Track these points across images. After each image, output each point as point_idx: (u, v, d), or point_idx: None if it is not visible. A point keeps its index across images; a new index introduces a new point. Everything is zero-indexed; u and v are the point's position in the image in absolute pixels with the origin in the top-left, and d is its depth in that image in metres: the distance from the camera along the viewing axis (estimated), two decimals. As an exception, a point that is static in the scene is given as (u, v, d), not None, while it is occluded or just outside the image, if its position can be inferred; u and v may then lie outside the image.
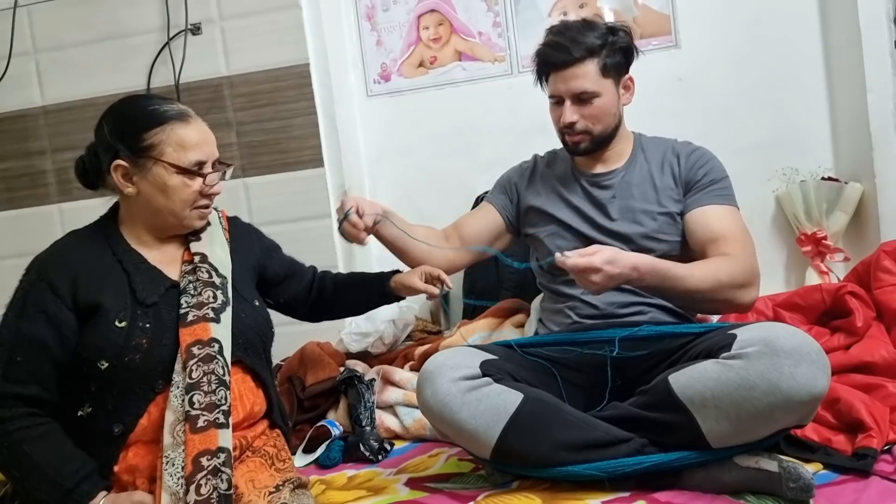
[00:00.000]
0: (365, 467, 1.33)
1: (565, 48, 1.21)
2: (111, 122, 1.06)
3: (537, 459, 1.03)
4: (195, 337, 1.01)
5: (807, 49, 1.79)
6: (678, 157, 1.29)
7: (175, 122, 1.04)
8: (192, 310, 1.03)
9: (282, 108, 1.86)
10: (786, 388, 0.93)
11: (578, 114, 1.23)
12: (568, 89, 1.22)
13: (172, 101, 1.08)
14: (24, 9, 1.91)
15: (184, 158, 1.03)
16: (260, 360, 1.11)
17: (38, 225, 1.96)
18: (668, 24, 1.83)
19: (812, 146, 1.81)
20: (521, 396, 1.03)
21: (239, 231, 1.22)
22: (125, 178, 1.04)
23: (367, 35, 1.94)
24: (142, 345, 0.99)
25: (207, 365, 0.99)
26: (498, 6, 1.89)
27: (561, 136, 1.30)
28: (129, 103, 1.09)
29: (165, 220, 1.08)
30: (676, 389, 0.99)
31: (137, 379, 0.99)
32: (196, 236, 1.13)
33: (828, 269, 1.74)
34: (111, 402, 0.99)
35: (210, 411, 0.97)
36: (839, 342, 1.39)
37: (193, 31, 1.85)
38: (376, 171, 1.97)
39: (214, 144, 1.09)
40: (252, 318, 1.11)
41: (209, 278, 1.08)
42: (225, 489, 0.93)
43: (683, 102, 1.82)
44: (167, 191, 1.04)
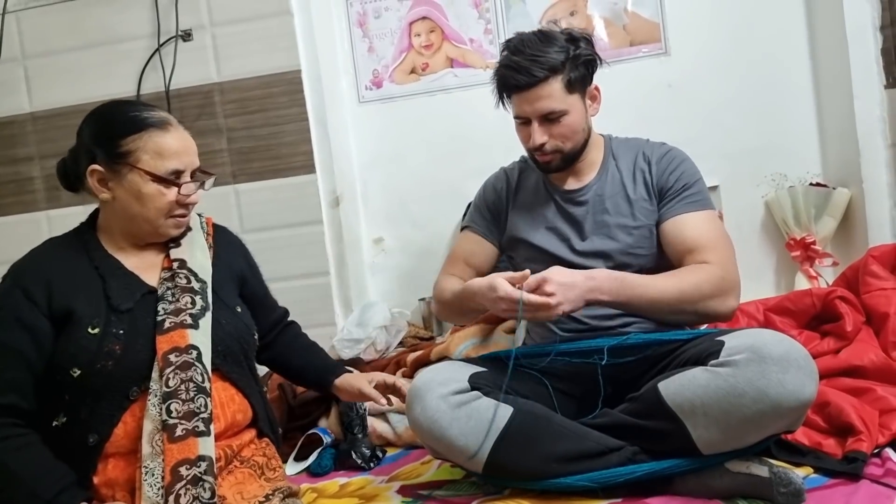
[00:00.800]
0: (357, 475, 1.32)
1: (525, 69, 1.15)
2: (91, 126, 1.06)
3: (529, 473, 1.03)
4: (172, 344, 1.00)
5: (794, 56, 1.82)
6: (649, 163, 1.25)
7: (154, 129, 1.03)
8: (169, 317, 1.02)
9: (273, 114, 1.85)
10: (774, 395, 0.93)
11: (547, 133, 1.19)
12: (534, 110, 1.18)
13: (155, 109, 1.07)
14: (13, 14, 1.90)
15: (160, 167, 1.02)
16: (240, 367, 1.09)
17: (25, 232, 1.93)
18: (657, 32, 1.85)
19: (800, 152, 1.83)
20: (510, 410, 1.03)
21: (225, 239, 1.21)
22: (101, 183, 1.03)
23: (358, 42, 1.94)
24: (115, 351, 0.98)
25: (185, 372, 0.98)
26: (489, 13, 1.90)
27: (531, 156, 1.27)
28: (111, 108, 1.09)
29: (140, 228, 1.06)
30: (666, 397, 0.99)
31: (110, 386, 0.97)
32: (176, 242, 1.11)
33: (817, 273, 1.75)
34: (85, 411, 0.97)
35: (188, 419, 0.95)
36: (829, 346, 1.40)
37: (184, 37, 1.85)
38: (368, 177, 1.97)
39: (195, 154, 1.07)
40: (232, 325, 1.09)
41: (187, 283, 1.06)
42: (208, 498, 0.92)
43: (673, 109, 1.83)
44: (142, 198, 1.03)
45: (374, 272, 1.97)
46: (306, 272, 1.85)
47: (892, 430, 1.13)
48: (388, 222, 1.97)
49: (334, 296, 1.87)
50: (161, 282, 1.06)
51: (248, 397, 1.09)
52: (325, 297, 1.86)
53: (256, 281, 1.23)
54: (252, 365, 1.14)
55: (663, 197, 1.23)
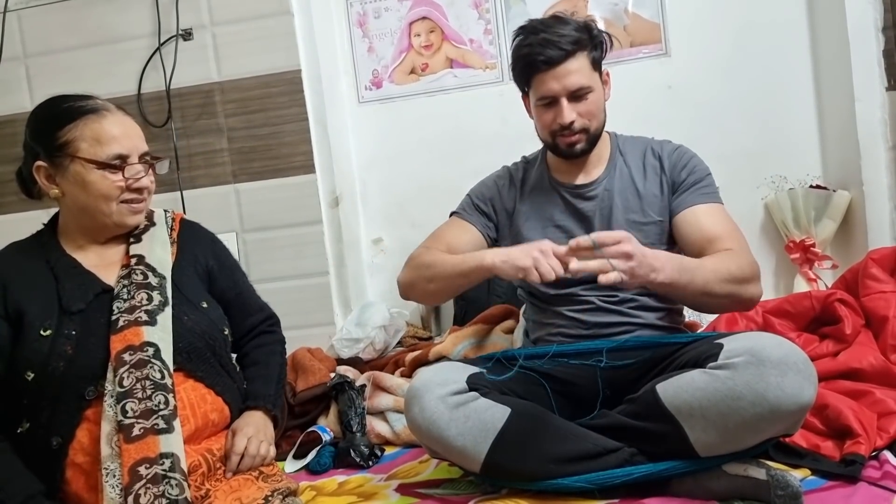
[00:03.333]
0: (355, 473, 1.32)
1: (554, 44, 1.14)
2: (30, 126, 1.05)
3: (527, 473, 1.02)
4: (126, 343, 0.98)
5: (795, 58, 1.81)
6: (660, 158, 1.25)
7: (89, 116, 1.01)
8: (123, 315, 1.00)
9: (273, 114, 1.85)
10: (772, 399, 0.93)
11: (575, 112, 1.17)
12: (564, 87, 1.16)
13: (91, 98, 1.05)
14: (14, 13, 1.90)
15: (100, 152, 1.01)
16: (208, 365, 1.06)
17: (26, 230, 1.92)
18: (658, 33, 1.85)
19: (800, 154, 1.82)
20: (508, 411, 1.03)
21: (191, 233, 1.17)
22: (48, 179, 1.03)
23: (358, 42, 1.94)
24: (66, 352, 0.97)
25: (140, 370, 0.96)
26: (489, 14, 1.90)
27: (551, 140, 1.22)
28: (45, 104, 1.07)
29: (95, 219, 1.05)
30: (664, 399, 0.99)
31: (64, 388, 0.96)
32: (136, 238, 1.09)
33: (816, 276, 1.75)
34: (44, 415, 0.96)
35: (146, 418, 0.94)
36: (828, 349, 1.40)
37: (185, 36, 1.85)
38: (367, 177, 1.97)
39: (138, 137, 1.05)
40: (195, 321, 1.06)
41: (144, 280, 1.04)
42: (176, 494, 0.90)
43: (673, 110, 1.83)
44: (88, 187, 1.01)
45: (372, 272, 1.97)
46: (306, 272, 1.86)
47: (890, 433, 1.13)
48: (386, 223, 1.98)
49: (333, 295, 1.87)
50: (118, 280, 1.04)
51: (222, 395, 1.07)
52: (325, 297, 1.86)
53: (226, 278, 1.19)
54: (225, 362, 1.11)
55: (676, 190, 1.23)
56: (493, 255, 1.11)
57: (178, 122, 1.86)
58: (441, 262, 1.19)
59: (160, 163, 1.08)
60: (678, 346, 1.12)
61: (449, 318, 1.90)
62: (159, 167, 1.08)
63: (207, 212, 1.74)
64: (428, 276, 1.20)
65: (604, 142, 1.29)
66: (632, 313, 1.19)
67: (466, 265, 1.15)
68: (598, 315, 1.19)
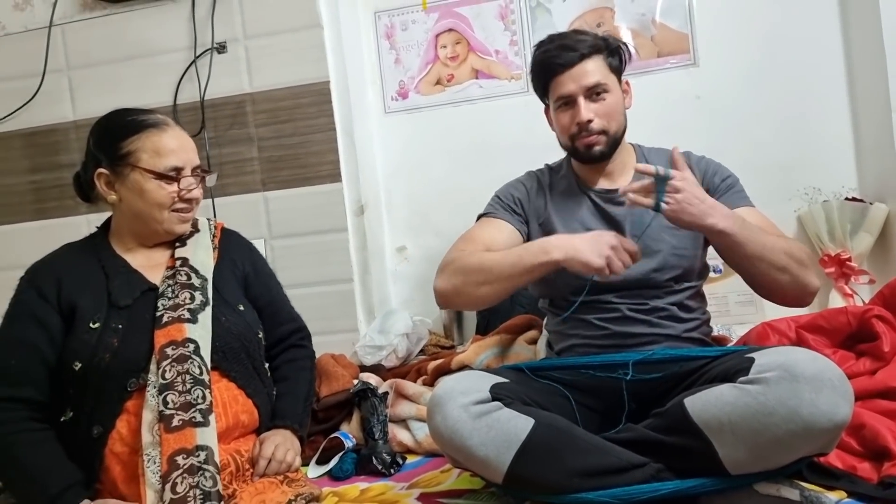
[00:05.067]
0: (377, 480, 1.32)
1: (570, 46, 1.20)
2: (95, 135, 1.13)
3: (550, 486, 1.01)
4: (169, 338, 1.03)
5: (829, 67, 1.78)
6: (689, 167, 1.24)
7: (151, 130, 1.09)
8: (167, 312, 1.06)
9: (302, 124, 1.89)
10: (806, 416, 0.90)
11: (593, 111, 1.20)
12: (580, 86, 1.19)
13: (152, 113, 1.13)
14: (59, 28, 1.99)
15: (159, 164, 1.08)
16: (242, 366, 1.11)
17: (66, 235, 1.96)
18: (686, 43, 1.83)
19: (835, 165, 1.78)
20: (531, 422, 1.01)
21: (232, 241, 1.24)
22: (108, 185, 1.10)
23: (385, 53, 1.97)
24: (112, 344, 1.02)
25: (181, 365, 1.01)
26: (515, 25, 1.91)
27: (570, 143, 1.24)
28: (110, 116, 1.15)
29: (147, 225, 1.12)
30: (692, 413, 0.97)
31: (108, 379, 1.01)
32: (182, 242, 1.16)
33: (852, 291, 1.70)
34: (88, 404, 1.01)
35: (185, 410, 0.98)
36: (865, 367, 1.35)
37: (219, 49, 1.90)
38: (392, 186, 1.99)
39: (192, 151, 1.13)
40: (232, 322, 1.12)
41: (187, 280, 1.10)
42: (210, 486, 0.94)
43: (702, 120, 1.81)
44: (144, 195, 1.09)
45: (396, 280, 1.99)
46: (330, 279, 1.88)
47: (929, 455, 1.09)
48: (410, 231, 1.99)
49: (357, 302, 1.88)
50: (163, 280, 1.11)
51: (253, 397, 1.11)
52: (349, 304, 1.88)
53: (260, 285, 1.25)
54: (257, 364, 1.15)
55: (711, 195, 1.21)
56: (559, 249, 1.09)
57: (211, 132, 1.91)
58: (494, 262, 1.14)
59: (210, 176, 1.16)
60: (707, 359, 1.10)
61: (472, 327, 1.89)
62: (209, 180, 1.15)
63: (237, 218, 1.77)
64: (479, 278, 1.14)
65: (628, 152, 1.29)
66: (660, 323, 1.18)
67: (529, 261, 1.10)
68: (625, 325, 1.18)
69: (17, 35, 2.00)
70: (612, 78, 1.22)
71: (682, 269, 1.21)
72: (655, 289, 1.20)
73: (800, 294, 1.16)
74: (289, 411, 1.18)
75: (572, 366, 1.17)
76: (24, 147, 2.03)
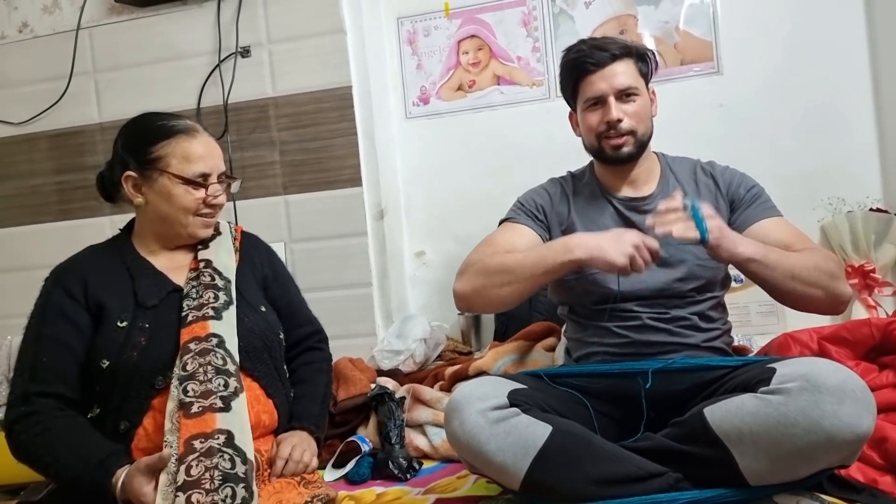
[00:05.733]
0: (393, 485, 1.33)
1: (601, 48, 1.21)
2: (124, 137, 1.15)
3: (567, 493, 1.00)
4: (192, 335, 1.06)
5: (854, 76, 1.76)
6: (713, 177, 1.27)
7: (181, 135, 1.10)
8: (192, 311, 1.08)
9: (324, 128, 1.90)
10: (828, 427, 0.89)
11: (623, 111, 1.20)
12: (611, 86, 1.20)
13: (181, 118, 1.15)
14: (86, 31, 2.02)
15: (187, 170, 1.10)
16: (264, 366, 1.12)
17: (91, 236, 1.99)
18: (709, 51, 1.82)
19: (859, 176, 1.76)
20: (549, 429, 1.01)
21: (251, 244, 1.26)
22: (135, 188, 1.12)
23: (407, 59, 1.98)
24: (140, 343, 1.04)
25: (203, 357, 1.03)
26: (537, 32, 1.91)
27: (598, 144, 1.23)
28: (140, 120, 1.17)
29: (171, 228, 1.14)
30: (712, 423, 0.96)
31: (136, 376, 1.03)
32: (205, 245, 1.18)
33: (876, 303, 1.68)
34: (115, 401, 1.03)
35: (205, 398, 1.00)
36: (888, 379, 1.33)
37: (243, 53, 1.93)
38: (412, 191, 2.00)
39: (220, 158, 1.14)
40: (255, 323, 1.13)
41: (211, 281, 1.12)
42: (228, 468, 0.94)
43: (725, 129, 1.80)
44: (171, 199, 1.10)
45: (414, 285, 1.99)
46: (349, 282, 1.89)
47: (955, 471, 1.07)
48: (429, 236, 2.00)
49: (376, 307, 1.89)
50: (187, 281, 1.13)
51: (273, 398, 1.12)
52: (367, 308, 1.88)
53: (279, 287, 1.27)
54: (278, 365, 1.17)
55: (736, 207, 1.24)
56: (582, 247, 1.08)
57: (234, 135, 1.93)
58: (516, 262, 1.14)
59: (234, 182, 1.17)
60: (727, 369, 1.09)
61: (489, 333, 1.89)
62: (233, 186, 1.17)
63: (258, 221, 1.79)
64: (501, 279, 1.14)
65: (652, 160, 1.29)
66: (681, 332, 1.17)
67: (551, 260, 1.10)
68: (646, 333, 1.17)
69: (45, 38, 2.04)
70: (640, 82, 1.23)
71: (706, 279, 1.20)
72: (677, 298, 1.19)
73: (833, 305, 1.16)
74: (306, 413, 1.19)
75: (591, 373, 1.16)
76: (51, 148, 2.07)
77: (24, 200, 2.08)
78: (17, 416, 1.01)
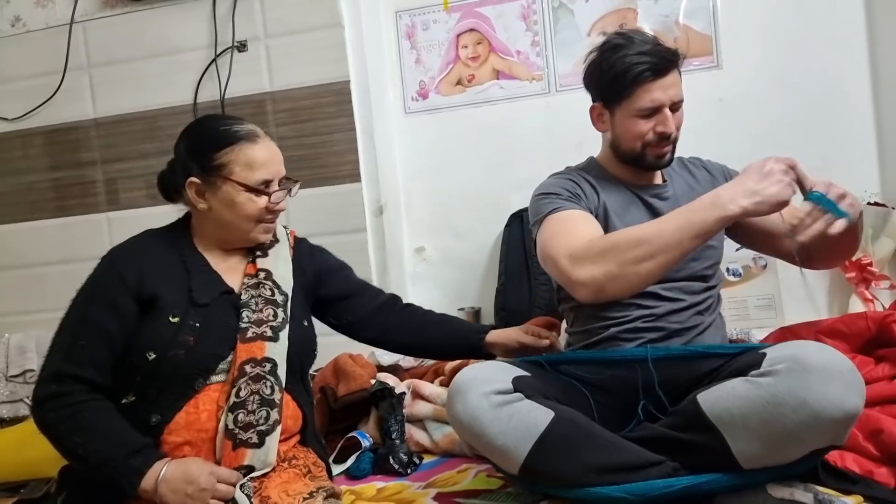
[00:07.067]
0: (394, 480, 1.33)
1: (662, 54, 1.16)
2: (187, 142, 1.13)
3: (565, 479, 1.01)
4: (250, 355, 1.05)
5: (853, 71, 1.76)
6: (705, 168, 1.31)
7: (244, 142, 1.09)
8: (252, 326, 1.07)
9: (322, 123, 1.89)
10: (815, 405, 0.90)
11: (674, 124, 1.18)
12: (669, 97, 1.17)
13: (243, 122, 1.13)
14: (80, 25, 2.00)
15: (251, 177, 1.08)
16: (294, 378, 1.13)
17: (87, 232, 2.03)
18: (709, 45, 1.82)
19: (857, 170, 1.76)
20: (551, 415, 1.02)
21: (302, 250, 1.25)
22: (198, 194, 1.10)
23: (406, 53, 1.97)
24: (188, 342, 1.03)
25: (255, 384, 1.04)
26: (537, 26, 1.90)
27: (640, 150, 1.20)
28: (203, 124, 1.16)
29: (233, 234, 1.13)
30: (705, 408, 0.97)
31: (179, 374, 1.03)
32: (263, 252, 1.17)
33: (873, 296, 1.69)
34: (153, 394, 1.03)
35: (245, 430, 1.02)
36: (884, 372, 1.34)
37: (239, 48, 1.91)
38: (412, 187, 1.99)
39: (281, 163, 1.13)
40: (297, 338, 1.13)
41: (271, 295, 1.12)
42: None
43: (724, 123, 1.80)
44: (235, 207, 1.09)
45: (414, 281, 1.99)
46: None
47: (951, 462, 1.08)
48: (429, 232, 1.99)
49: (376, 303, 1.89)
50: (245, 287, 1.12)
51: (301, 406, 1.14)
52: (367, 304, 1.88)
53: (340, 279, 1.28)
54: (305, 377, 1.19)
55: None
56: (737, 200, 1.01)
57: (231, 131, 1.92)
58: (654, 231, 1.05)
59: (295, 186, 1.16)
60: (725, 358, 1.10)
61: (489, 328, 1.90)
62: (294, 191, 1.16)
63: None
64: (640, 253, 1.04)
65: None
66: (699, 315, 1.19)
67: (700, 221, 1.02)
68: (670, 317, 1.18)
69: (38, 32, 2.02)
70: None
71: (714, 260, 1.24)
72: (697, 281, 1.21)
73: None
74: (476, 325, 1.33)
75: (590, 359, 1.17)
76: (45, 144, 2.05)
77: (20, 197, 2.07)
78: (47, 394, 1.00)
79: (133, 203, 2.00)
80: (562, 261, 1.11)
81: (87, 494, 1.01)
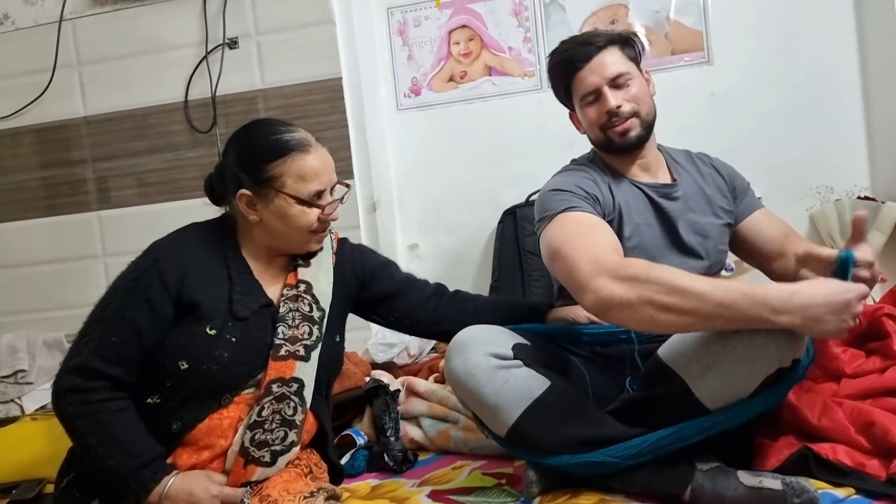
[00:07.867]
0: (388, 477, 1.33)
1: (584, 42, 1.22)
2: (236, 151, 1.08)
3: (550, 447, 1.04)
4: (279, 374, 1.04)
5: (843, 66, 1.77)
6: (713, 167, 1.32)
7: (296, 152, 1.05)
8: (286, 344, 1.05)
9: (314, 120, 1.89)
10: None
11: (621, 97, 1.20)
12: (602, 77, 1.20)
13: (294, 129, 1.09)
14: (69, 22, 1.98)
15: (303, 190, 1.05)
16: (318, 393, 1.11)
17: (77, 231, 2.01)
18: (700, 41, 1.83)
19: (848, 165, 1.78)
20: (547, 383, 1.04)
21: (344, 255, 1.21)
22: (249, 206, 1.07)
23: (398, 50, 1.97)
24: (222, 357, 1.01)
25: (278, 404, 1.03)
26: (529, 22, 1.90)
27: (603, 136, 1.22)
28: (252, 133, 1.10)
29: (283, 244, 1.10)
30: (663, 356, 1.02)
31: (207, 387, 1.01)
32: (306, 261, 1.14)
33: (863, 289, 1.70)
34: (177, 401, 1.01)
35: (259, 448, 1.02)
36: (875, 365, 1.35)
37: (230, 45, 1.90)
38: (405, 184, 1.99)
39: (333, 171, 1.10)
40: (328, 355, 1.11)
41: (309, 311, 1.09)
42: None
43: (715, 119, 1.81)
44: (287, 220, 1.06)
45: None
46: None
47: (941, 454, 1.09)
48: (423, 229, 1.99)
49: (370, 300, 1.89)
50: (283, 300, 1.09)
51: (319, 419, 1.14)
52: (361, 302, 1.88)
53: (386, 279, 1.25)
54: (328, 392, 1.18)
55: (737, 196, 1.30)
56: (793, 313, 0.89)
57: (223, 128, 1.91)
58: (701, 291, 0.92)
59: (346, 192, 1.13)
60: None
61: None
62: (346, 197, 1.13)
63: None
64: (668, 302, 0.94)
65: (657, 149, 1.31)
66: None
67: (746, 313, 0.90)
68: None
69: (27, 30, 2.00)
70: (631, 66, 1.22)
71: (721, 264, 1.28)
72: None
73: None
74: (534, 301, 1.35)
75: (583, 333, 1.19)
76: (35, 143, 2.03)
77: (9, 196, 2.05)
78: (70, 386, 0.98)
79: (124, 201, 1.99)
80: (583, 264, 1.03)
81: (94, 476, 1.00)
